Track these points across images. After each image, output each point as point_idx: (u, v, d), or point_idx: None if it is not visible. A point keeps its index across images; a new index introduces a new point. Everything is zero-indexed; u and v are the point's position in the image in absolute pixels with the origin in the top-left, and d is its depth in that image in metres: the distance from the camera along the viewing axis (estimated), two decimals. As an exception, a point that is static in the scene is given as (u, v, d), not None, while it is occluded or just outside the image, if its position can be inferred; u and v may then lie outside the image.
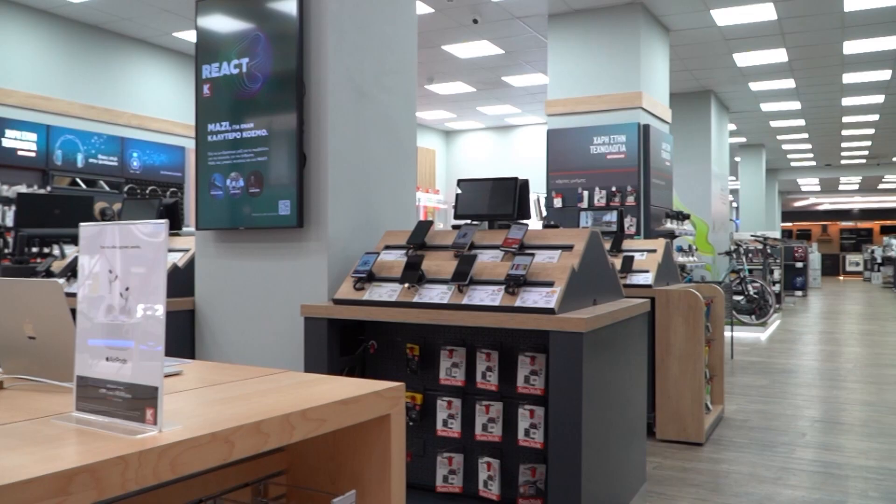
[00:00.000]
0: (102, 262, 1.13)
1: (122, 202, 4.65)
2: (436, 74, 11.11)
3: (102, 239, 1.13)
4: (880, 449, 4.67)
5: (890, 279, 21.76)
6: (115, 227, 1.13)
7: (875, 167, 23.07)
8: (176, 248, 4.24)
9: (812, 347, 9.46)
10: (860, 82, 11.62)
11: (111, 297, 1.11)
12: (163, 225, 1.08)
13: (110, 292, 1.11)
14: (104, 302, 1.11)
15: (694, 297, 4.68)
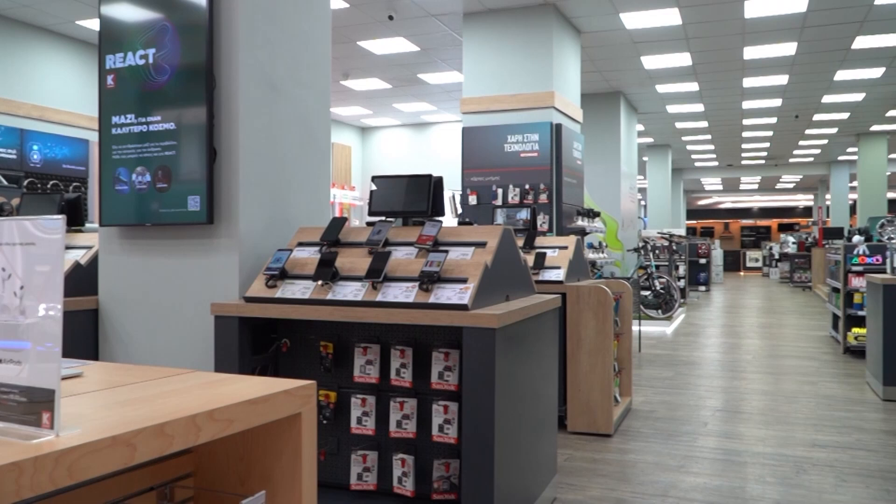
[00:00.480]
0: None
1: (21, 197, 4.43)
2: (351, 70, 11.03)
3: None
4: (777, 436, 4.91)
5: (787, 274, 22.92)
6: (9, 222, 1.08)
7: (773, 168, 24.24)
8: (78, 244, 4.07)
9: (714, 340, 9.87)
10: (759, 86, 12.18)
11: (6, 297, 1.06)
12: (60, 221, 1.04)
13: (4, 291, 1.06)
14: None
15: (603, 293, 4.81)
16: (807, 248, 20.66)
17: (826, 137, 17.98)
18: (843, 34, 9.14)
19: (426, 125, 15.58)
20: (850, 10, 8.18)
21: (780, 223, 38.24)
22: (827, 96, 13.00)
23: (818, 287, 17.53)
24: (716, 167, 24.74)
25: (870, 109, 14.21)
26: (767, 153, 21.12)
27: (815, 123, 15.94)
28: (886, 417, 5.41)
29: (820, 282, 17.71)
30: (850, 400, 5.99)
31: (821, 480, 3.99)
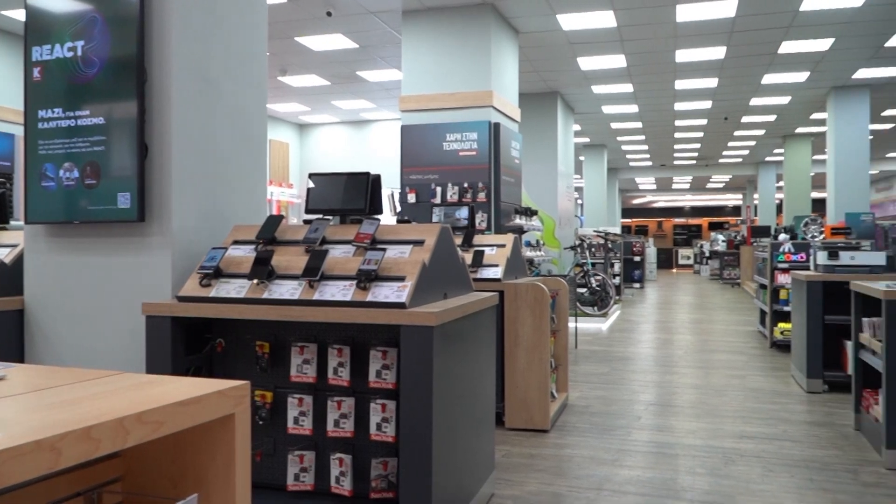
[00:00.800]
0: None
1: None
2: (289, 66, 10.89)
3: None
4: (707, 428, 5.06)
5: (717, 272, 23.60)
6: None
7: (704, 168, 24.92)
8: (3, 243, 3.92)
9: (648, 336, 10.10)
10: (690, 89, 12.50)
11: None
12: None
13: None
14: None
15: (540, 290, 4.87)
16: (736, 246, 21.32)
17: (754, 139, 18.58)
18: (769, 39, 9.45)
19: (365, 123, 15.50)
20: (777, 15, 8.47)
21: (711, 222, 39.36)
22: (755, 99, 13.42)
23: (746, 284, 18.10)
24: (649, 167, 25.30)
25: (795, 112, 14.73)
26: (698, 154, 21.70)
27: (744, 125, 16.45)
28: (810, 409, 5.63)
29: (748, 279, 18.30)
30: (776, 392, 6.21)
31: (748, 471, 4.13)
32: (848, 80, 11.79)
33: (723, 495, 3.73)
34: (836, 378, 6.14)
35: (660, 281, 24.34)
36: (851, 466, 4.20)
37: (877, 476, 4.02)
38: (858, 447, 4.58)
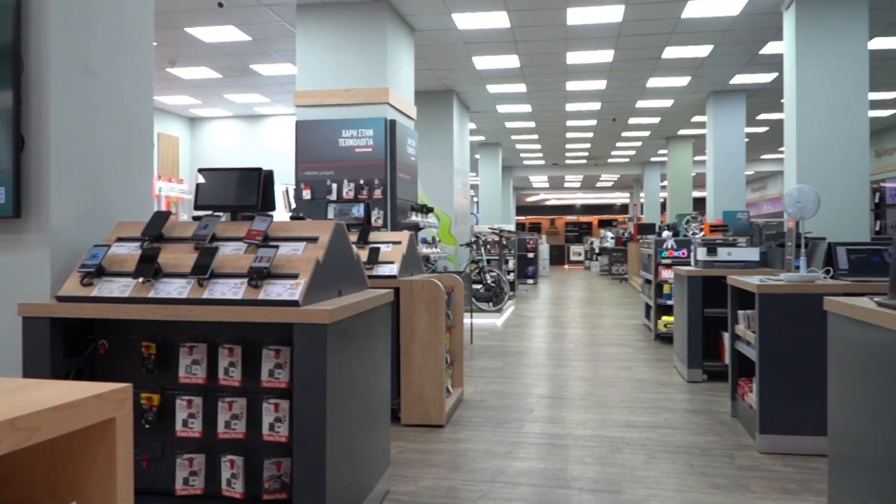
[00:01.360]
0: None
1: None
2: (178, 58, 10.52)
3: None
4: (595, 419, 5.24)
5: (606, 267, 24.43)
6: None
7: (594, 167, 25.74)
8: None
9: (541, 330, 10.36)
10: (581, 90, 12.89)
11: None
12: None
13: None
14: None
15: (435, 287, 4.91)
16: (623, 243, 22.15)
17: (640, 140, 19.35)
18: (654, 44, 9.86)
19: (259, 117, 15.16)
20: (661, 21, 8.84)
21: (601, 219, 40.73)
22: (640, 101, 13.97)
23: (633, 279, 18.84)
24: (542, 166, 25.92)
25: (677, 115, 15.44)
26: (589, 153, 22.40)
27: (631, 126, 17.10)
28: (690, 397, 5.92)
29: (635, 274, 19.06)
30: (660, 382, 6.50)
31: (633, 458, 4.31)
32: (726, 85, 12.45)
33: (609, 483, 3.88)
34: (714, 368, 6.48)
35: (552, 277, 24.99)
36: (728, 451, 4.45)
37: (751, 459, 4.28)
38: (734, 433, 4.85)
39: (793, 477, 3.95)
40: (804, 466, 4.12)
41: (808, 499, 3.62)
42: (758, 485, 3.84)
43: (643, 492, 3.74)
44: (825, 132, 7.16)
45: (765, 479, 3.93)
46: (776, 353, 4.38)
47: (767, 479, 3.94)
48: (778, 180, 26.97)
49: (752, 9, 8.28)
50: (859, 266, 4.61)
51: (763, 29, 9.09)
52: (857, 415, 2.95)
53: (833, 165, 7.10)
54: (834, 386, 3.21)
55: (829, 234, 6.93)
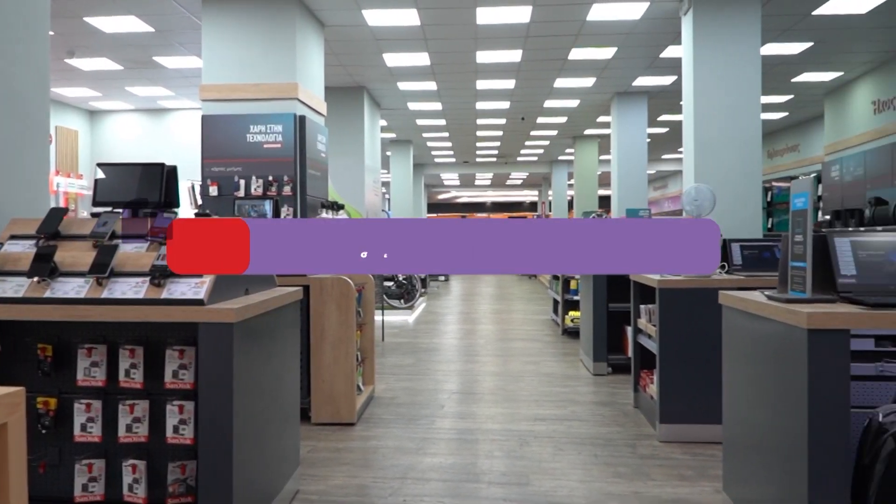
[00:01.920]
0: None
1: None
2: (77, 48, 10.04)
3: None
4: (504, 413, 5.33)
5: (516, 264, 24.77)
6: None
7: (504, 165, 26.10)
8: None
9: (452, 327, 10.44)
10: (491, 89, 13.04)
11: None
12: None
13: None
14: None
15: (346, 285, 4.89)
16: (533, 240, 22.52)
17: (548, 139, 19.73)
18: (560, 45, 10.08)
19: (164, 111, 14.66)
20: (567, 23, 9.04)
21: (511, 216, 41.34)
22: (548, 101, 14.25)
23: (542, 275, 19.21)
24: (454, 163, 26.09)
25: (583, 115, 15.82)
26: (499, 151, 22.69)
27: (539, 126, 17.42)
28: (596, 390, 6.10)
29: (544, 270, 19.41)
30: (567, 376, 6.66)
31: (541, 451, 4.40)
32: (629, 86, 12.84)
33: (518, 475, 3.96)
34: (618, 361, 6.69)
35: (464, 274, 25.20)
36: (631, 441, 4.61)
37: (652, 448, 4.45)
38: (637, 423, 5.03)
39: (690, 464, 4.13)
40: (701, 453, 4.31)
41: (704, 484, 3.79)
42: (658, 472, 4.00)
43: (550, 483, 3.83)
44: (720, 133, 7.49)
45: (664, 467, 4.09)
46: (675, 345, 4.56)
47: (667, 466, 4.10)
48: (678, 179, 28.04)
49: (652, 13, 8.57)
50: (752, 262, 4.85)
51: (663, 33, 9.42)
52: (748, 402, 3.11)
53: (728, 165, 7.43)
54: (728, 376, 3.37)
55: (724, 231, 7.26)
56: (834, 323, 2.41)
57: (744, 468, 3.15)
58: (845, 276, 2.71)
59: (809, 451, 2.40)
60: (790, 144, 17.06)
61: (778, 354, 2.69)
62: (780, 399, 2.69)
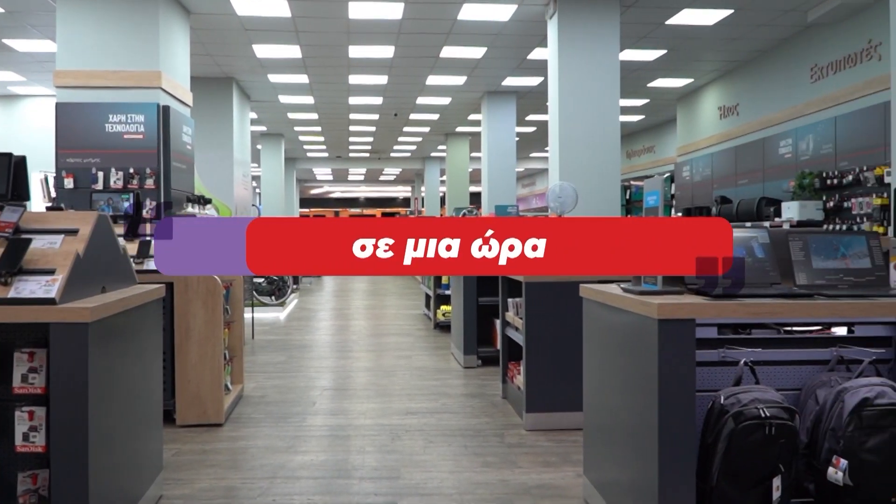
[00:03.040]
0: None
1: None
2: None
3: None
4: (376, 408, 5.35)
5: (389, 259, 24.81)
6: None
7: (377, 161, 26.07)
8: None
9: (325, 323, 10.36)
10: (363, 84, 12.99)
11: None
12: None
13: None
14: None
15: (213, 281, 4.75)
16: (406, 235, 22.64)
17: (421, 135, 19.88)
18: (432, 43, 10.19)
19: (14, 97, 13.65)
20: (438, 22, 9.15)
21: (384, 212, 41.37)
22: (421, 98, 14.36)
23: (416, 270, 19.34)
24: (326, 158, 25.80)
25: (455, 112, 16.05)
26: (372, 147, 22.64)
27: (412, 122, 17.52)
28: (466, 382, 6.23)
29: (417, 266, 19.56)
30: (439, 369, 6.76)
31: (412, 444, 4.46)
32: (498, 86, 13.14)
33: (389, 469, 3.99)
34: (488, 353, 6.86)
35: (337, 269, 24.97)
36: (499, 431, 4.74)
37: (519, 437, 4.60)
38: (505, 413, 5.18)
39: (555, 450, 4.30)
40: (565, 440, 4.50)
41: (568, 469, 3.96)
42: (524, 460, 4.14)
43: (421, 475, 3.89)
44: (583, 134, 7.82)
45: (530, 455, 4.24)
46: (540, 337, 4.74)
47: (533, 454, 4.26)
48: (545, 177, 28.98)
49: (520, 16, 8.81)
50: (611, 256, 5.09)
51: (530, 35, 9.71)
52: (605, 389, 3.29)
53: (590, 164, 7.77)
54: (588, 365, 3.54)
55: (587, 227, 7.59)
56: (681, 313, 2.59)
57: (602, 452, 3.32)
58: (692, 269, 2.90)
59: (659, 433, 2.57)
60: (647, 145, 18.01)
61: (632, 343, 2.85)
62: (633, 385, 2.85)
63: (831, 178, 8.29)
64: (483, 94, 13.77)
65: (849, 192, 8.09)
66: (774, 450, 2.62)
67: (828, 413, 2.75)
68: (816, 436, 2.78)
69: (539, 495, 3.61)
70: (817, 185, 8.51)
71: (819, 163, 8.83)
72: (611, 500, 3.15)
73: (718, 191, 11.59)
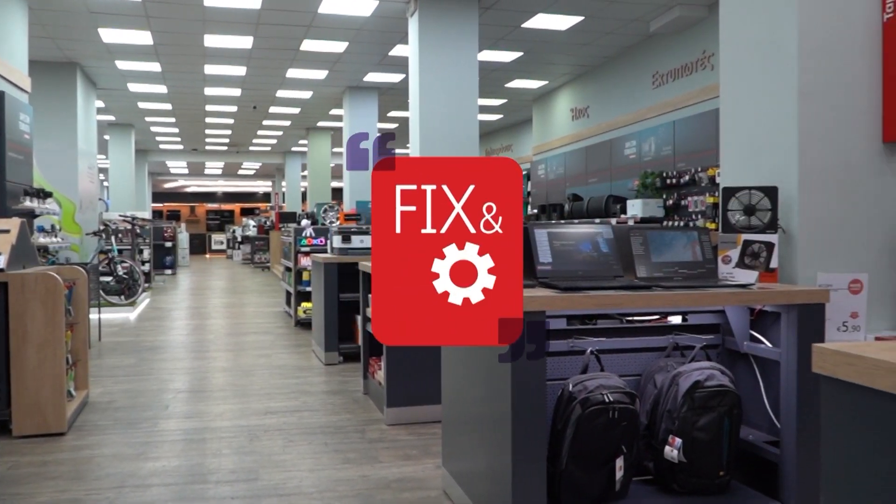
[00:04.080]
0: None
1: None
2: None
3: None
4: (234, 409, 5.22)
5: (248, 256, 24.24)
6: None
7: (235, 154, 25.30)
8: None
9: (180, 323, 9.96)
10: (220, 75, 12.58)
11: None
12: None
13: None
14: None
15: (53, 281, 4.47)
16: (266, 231, 22.18)
17: (281, 129, 19.49)
18: (292, 35, 10.02)
19: None
20: (298, 14, 9.01)
21: (243, 207, 40.19)
22: (281, 91, 14.09)
23: (276, 267, 18.97)
24: (181, 151, 24.77)
25: (316, 107, 15.86)
26: (230, 140, 21.95)
27: (272, 115, 17.14)
28: (327, 380, 6.19)
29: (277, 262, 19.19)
30: (299, 367, 6.68)
31: (271, 444, 4.39)
32: (360, 81, 13.11)
33: (247, 471, 3.91)
34: (349, 350, 6.84)
35: (193, 266, 24.08)
36: (360, 427, 4.75)
37: (380, 432, 4.63)
38: (366, 409, 5.20)
39: (415, 444, 4.37)
40: (425, 433, 4.57)
41: (428, 462, 4.03)
42: (385, 455, 4.18)
43: (280, 476, 3.84)
44: (443, 131, 7.95)
45: (391, 449, 4.28)
46: (401, 332, 4.78)
47: (393, 448, 4.30)
48: (409, 173, 29.13)
49: (381, 12, 8.84)
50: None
51: (392, 32, 9.75)
52: (462, 381, 3.38)
53: (450, 162, 7.91)
54: (446, 357, 3.62)
55: (447, 223, 7.73)
56: (532, 305, 2.70)
57: (459, 443, 3.41)
58: (543, 263, 3.03)
59: (512, 421, 2.67)
60: (505, 144, 18.54)
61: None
62: (488, 376, 2.95)
63: (671, 178, 8.87)
64: (345, 89, 13.68)
65: (686, 191, 8.70)
66: (617, 432, 2.80)
67: (664, 396, 2.96)
68: (655, 417, 2.99)
69: (399, 489, 3.65)
70: (658, 184, 9.08)
71: (660, 163, 9.43)
72: (468, 489, 3.24)
73: (571, 189, 12.12)
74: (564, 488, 2.80)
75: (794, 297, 2.85)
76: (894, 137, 3.15)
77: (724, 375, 2.93)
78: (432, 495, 3.57)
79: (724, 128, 3.58)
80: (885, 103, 3.17)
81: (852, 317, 3.05)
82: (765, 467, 3.01)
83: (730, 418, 2.88)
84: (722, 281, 3.08)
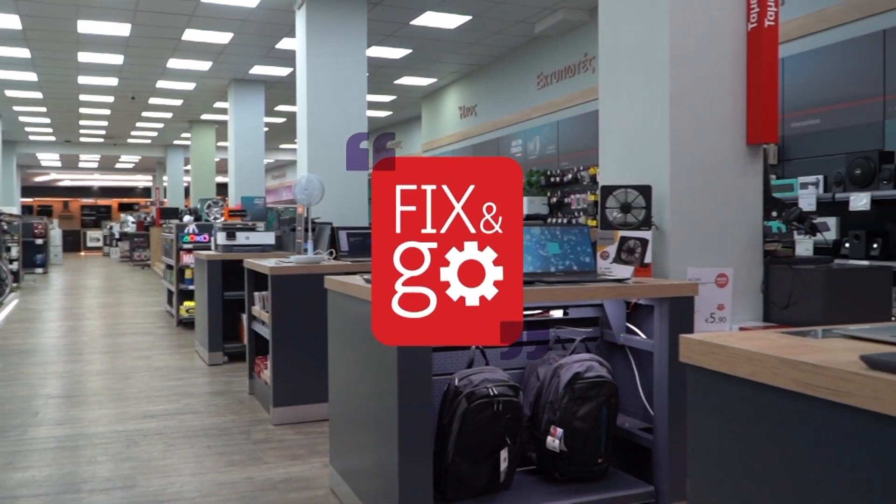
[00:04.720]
0: None
1: None
2: None
3: None
4: (110, 414, 4.99)
5: (127, 253, 23.20)
6: None
7: (112, 147, 24.13)
8: None
9: (53, 324, 9.43)
10: (95, 63, 11.97)
11: None
12: None
13: None
14: None
15: None
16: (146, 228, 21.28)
17: (162, 121, 18.75)
18: (173, 24, 9.65)
19: None
20: (180, 2, 8.69)
21: (121, 203, 38.37)
22: (161, 82, 13.55)
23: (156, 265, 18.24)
24: (53, 142, 23.39)
25: (200, 99, 15.36)
26: (106, 132, 20.92)
27: (152, 107, 16.47)
28: (211, 380, 6.01)
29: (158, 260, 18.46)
30: (182, 369, 6.46)
31: (150, 449, 4.22)
32: (246, 74, 12.79)
33: (124, 478, 3.75)
34: (234, 349, 6.66)
35: (66, 265, 22.81)
36: (245, 428, 4.65)
37: (266, 433, 4.54)
38: (252, 409, 5.09)
39: (302, 443, 4.32)
40: (312, 432, 4.52)
41: (315, 461, 3.99)
42: (271, 455, 4.11)
43: (160, 481, 3.70)
44: (331, 126, 7.87)
45: (277, 449, 4.21)
46: (287, 330, 4.71)
47: (280, 448, 4.23)
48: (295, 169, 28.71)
49: (268, 3, 8.66)
50: (358, 248, 5.21)
51: (279, 24, 9.57)
52: (349, 379, 3.37)
53: (338, 157, 7.81)
54: (333, 355, 3.60)
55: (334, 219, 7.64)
56: (418, 303, 2.72)
57: (346, 440, 3.39)
58: (429, 261, 3.06)
59: (399, 417, 2.68)
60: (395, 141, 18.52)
61: (373, 333, 2.94)
62: (374, 373, 2.95)
63: (555, 177, 9.14)
64: (230, 81, 13.32)
65: (569, 189, 8.98)
66: (502, 425, 2.86)
67: (546, 387, 3.05)
68: (538, 409, 3.08)
69: (286, 489, 3.60)
70: (543, 182, 9.33)
71: (545, 162, 9.69)
72: (355, 486, 3.23)
73: (460, 186, 12.25)
74: (451, 481, 2.85)
75: (666, 291, 3.00)
76: (757, 140, 3.37)
77: (603, 367, 3.05)
78: (320, 494, 3.54)
79: (603, 129, 3.72)
80: (748, 107, 3.38)
81: (719, 308, 3.24)
82: (640, 453, 3.16)
83: (608, 407, 3.00)
84: (600, 276, 3.20)
